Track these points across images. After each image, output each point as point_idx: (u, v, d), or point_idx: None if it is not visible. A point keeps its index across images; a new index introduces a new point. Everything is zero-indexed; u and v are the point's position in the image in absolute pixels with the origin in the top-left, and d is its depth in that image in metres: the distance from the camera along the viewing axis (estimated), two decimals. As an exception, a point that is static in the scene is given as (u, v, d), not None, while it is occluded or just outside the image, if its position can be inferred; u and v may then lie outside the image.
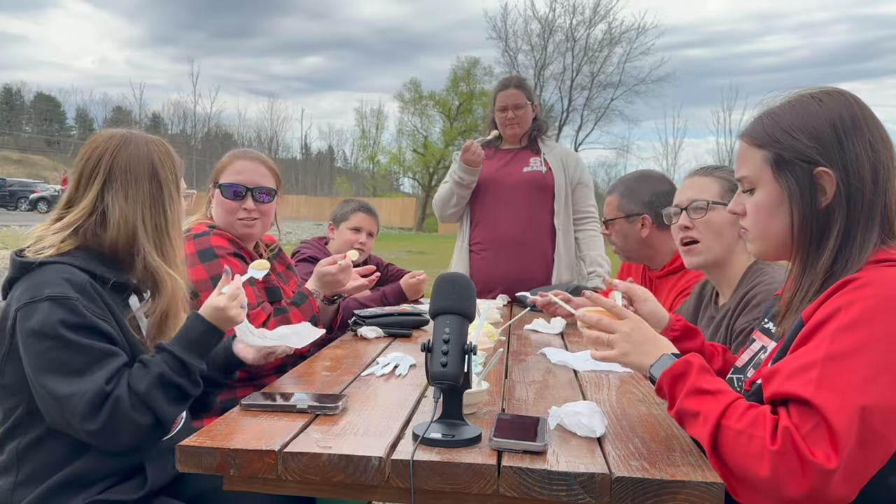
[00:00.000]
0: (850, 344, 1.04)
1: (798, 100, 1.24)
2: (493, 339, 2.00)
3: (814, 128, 1.19)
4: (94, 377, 1.34)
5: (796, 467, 0.99)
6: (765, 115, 1.26)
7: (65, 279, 1.39)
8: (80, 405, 1.32)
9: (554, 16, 39.83)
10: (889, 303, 1.06)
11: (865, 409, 0.99)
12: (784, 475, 0.99)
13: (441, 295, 1.28)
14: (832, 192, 1.18)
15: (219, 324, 1.50)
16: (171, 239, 1.55)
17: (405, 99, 44.71)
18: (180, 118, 62.36)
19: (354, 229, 3.16)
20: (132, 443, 1.40)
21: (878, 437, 1.00)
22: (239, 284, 1.55)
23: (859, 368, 1.02)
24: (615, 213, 2.58)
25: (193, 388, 1.45)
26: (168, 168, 1.56)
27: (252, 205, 2.16)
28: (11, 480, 1.41)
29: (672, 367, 1.21)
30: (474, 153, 3.25)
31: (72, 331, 1.35)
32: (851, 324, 1.06)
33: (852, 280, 1.11)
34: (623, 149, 43.79)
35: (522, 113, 3.36)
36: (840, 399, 1.00)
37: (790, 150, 1.20)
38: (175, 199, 1.58)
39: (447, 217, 3.50)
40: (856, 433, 0.98)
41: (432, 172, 42.44)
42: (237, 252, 2.10)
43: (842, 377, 1.02)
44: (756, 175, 1.26)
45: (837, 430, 0.98)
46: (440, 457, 1.14)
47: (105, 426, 1.34)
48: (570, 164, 3.41)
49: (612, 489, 1.07)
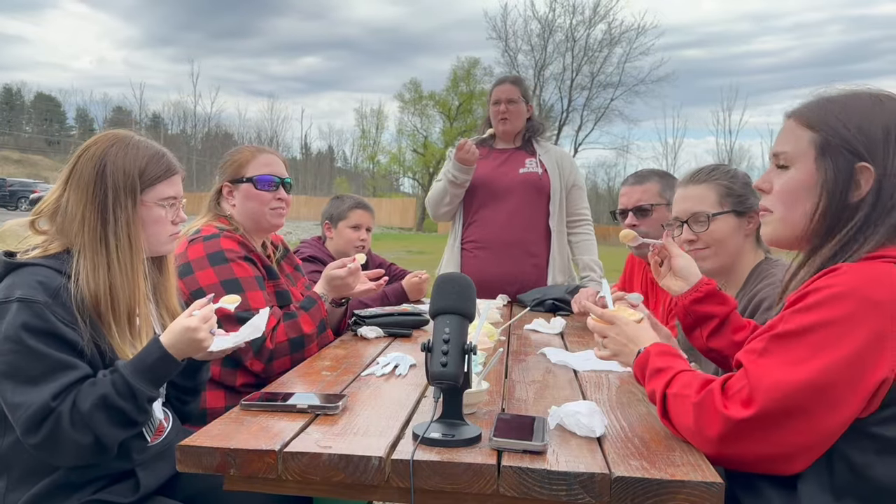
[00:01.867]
0: (799, 325, 1.11)
1: (857, 94, 1.24)
2: (493, 339, 2.00)
3: (867, 124, 1.19)
4: (43, 390, 1.31)
5: (711, 415, 1.14)
6: (821, 100, 1.26)
7: (38, 282, 1.37)
8: (23, 418, 1.31)
9: (554, 16, 39.86)
10: (854, 293, 1.08)
11: (785, 384, 1.08)
12: (703, 422, 1.15)
13: (441, 295, 1.28)
14: (866, 190, 1.18)
15: (184, 345, 1.41)
16: (108, 243, 1.46)
17: (405, 99, 44.73)
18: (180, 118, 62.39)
19: (354, 227, 3.15)
20: (74, 461, 1.37)
21: (801, 410, 1.08)
22: (212, 308, 1.48)
23: (796, 349, 1.10)
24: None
25: (138, 414, 1.38)
26: (119, 172, 1.48)
27: (284, 194, 2.22)
28: (3, 485, 1.41)
29: (638, 359, 1.37)
30: (468, 151, 3.24)
31: (33, 336, 1.33)
32: (808, 307, 1.11)
33: (835, 269, 1.14)
34: (623, 149, 43.82)
35: (515, 108, 3.35)
36: (768, 370, 1.11)
37: (838, 138, 1.20)
38: (123, 205, 1.48)
39: (440, 216, 3.50)
40: (770, 401, 1.09)
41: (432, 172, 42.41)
42: (247, 255, 2.08)
43: (779, 353, 1.12)
44: (797, 154, 1.25)
45: (753, 390, 1.10)
46: (440, 457, 1.14)
47: (45, 442, 1.32)
48: (566, 167, 3.41)
49: (612, 489, 1.07)
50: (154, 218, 1.55)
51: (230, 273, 2.00)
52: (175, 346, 1.41)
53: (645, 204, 2.50)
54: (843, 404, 1.07)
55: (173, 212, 1.59)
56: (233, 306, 1.63)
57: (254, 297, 1.99)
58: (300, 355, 2.04)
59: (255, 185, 2.17)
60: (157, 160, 1.55)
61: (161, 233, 1.57)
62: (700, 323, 1.60)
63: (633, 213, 2.51)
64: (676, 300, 1.64)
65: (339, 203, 3.23)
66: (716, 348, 1.58)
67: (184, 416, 1.70)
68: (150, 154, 1.55)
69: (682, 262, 1.64)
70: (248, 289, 2.00)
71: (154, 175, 1.54)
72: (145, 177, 1.52)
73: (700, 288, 1.60)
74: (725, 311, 1.58)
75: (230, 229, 2.13)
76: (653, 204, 2.50)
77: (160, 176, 1.55)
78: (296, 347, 2.05)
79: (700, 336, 1.61)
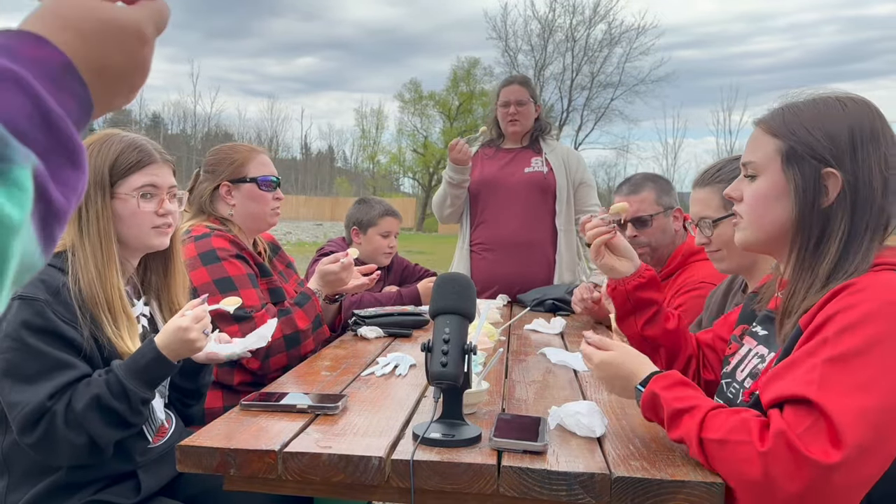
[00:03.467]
0: (851, 346, 1.04)
1: (822, 99, 1.24)
2: (493, 339, 2.00)
3: (832, 129, 1.19)
4: (39, 389, 1.31)
5: (790, 465, 0.98)
6: (786, 108, 1.26)
7: (40, 280, 1.37)
8: (20, 417, 1.31)
9: (554, 16, 39.84)
10: (888, 307, 1.06)
11: (868, 411, 0.98)
12: (778, 474, 0.98)
13: (441, 295, 1.28)
14: (835, 195, 1.17)
15: (177, 345, 1.39)
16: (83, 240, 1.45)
17: (405, 99, 44.73)
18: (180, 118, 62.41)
19: (384, 234, 3.08)
20: (70, 460, 1.37)
21: (880, 440, 0.99)
22: (205, 308, 1.46)
23: (861, 370, 1.02)
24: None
25: (132, 415, 1.37)
26: (91, 168, 1.44)
27: (281, 194, 2.24)
28: (4, 484, 1.41)
29: (643, 401, 1.22)
30: (460, 151, 3.24)
31: (33, 334, 1.33)
32: (851, 326, 1.05)
33: (849, 285, 1.11)
34: (623, 149, 43.78)
35: (524, 109, 3.35)
36: (843, 399, 0.99)
37: (804, 145, 1.20)
38: (94, 199, 1.46)
39: (446, 218, 3.50)
40: (860, 433, 0.97)
41: (432, 172, 42.43)
42: (239, 254, 2.09)
43: (844, 378, 1.01)
44: (763, 163, 1.25)
45: (839, 426, 0.97)
46: (440, 457, 1.14)
47: (40, 441, 1.32)
48: (572, 164, 3.40)
49: (612, 489, 1.07)
50: (130, 210, 1.50)
51: (223, 272, 2.00)
52: (168, 347, 1.40)
53: (644, 215, 2.50)
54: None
55: (155, 202, 1.53)
56: (233, 308, 1.62)
57: (247, 295, 1.99)
58: (296, 351, 2.05)
59: (259, 186, 2.18)
60: (130, 151, 1.51)
61: (141, 225, 1.52)
62: (639, 309, 1.57)
63: (633, 224, 2.50)
64: (615, 284, 1.59)
65: (368, 209, 3.13)
66: (650, 336, 1.56)
67: (187, 418, 1.70)
68: (123, 146, 1.51)
69: (622, 241, 1.61)
70: (242, 287, 2.00)
71: (124, 165, 1.50)
72: (116, 169, 1.49)
73: (643, 274, 1.58)
74: (663, 298, 1.58)
75: (221, 228, 2.13)
76: (651, 214, 2.50)
77: (132, 166, 1.50)
78: (291, 344, 2.05)
79: (635, 323, 1.58)
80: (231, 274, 2.01)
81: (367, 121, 54.39)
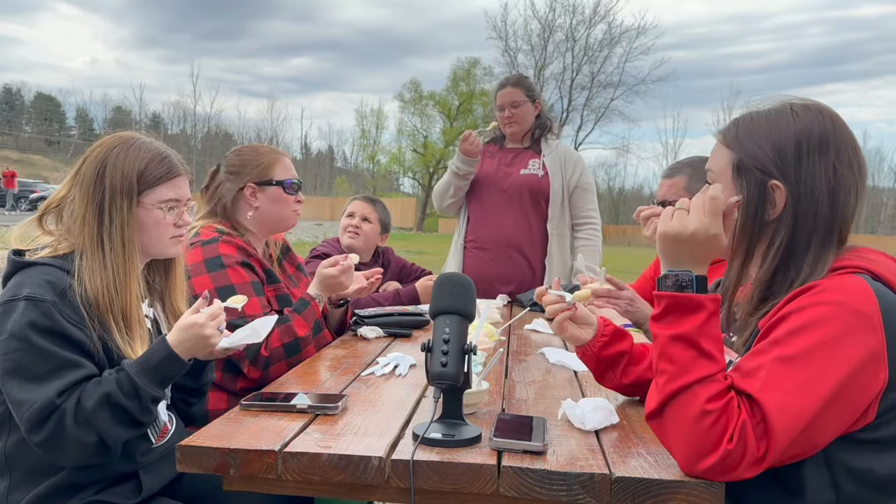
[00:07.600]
0: (799, 347, 1.07)
1: (777, 109, 1.24)
2: (493, 339, 2.00)
3: (779, 140, 1.19)
4: (48, 387, 1.31)
5: (738, 458, 1.03)
6: (742, 119, 1.27)
7: (46, 280, 1.37)
8: (28, 415, 1.30)
9: (554, 16, 39.89)
10: (841, 308, 1.08)
11: (804, 412, 1.03)
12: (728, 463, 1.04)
13: (441, 295, 1.28)
14: (781, 207, 1.18)
15: (191, 343, 1.40)
16: (103, 245, 1.46)
17: (405, 99, 44.75)
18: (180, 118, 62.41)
19: (349, 215, 3.23)
20: (78, 460, 1.36)
21: (807, 439, 1.05)
22: (220, 306, 1.47)
23: (804, 372, 1.05)
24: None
25: (142, 414, 1.37)
26: (118, 174, 1.47)
27: (302, 197, 2.29)
28: (6, 485, 1.41)
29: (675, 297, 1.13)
30: (472, 143, 3.25)
31: (40, 334, 1.32)
32: (802, 327, 1.08)
33: (810, 287, 1.12)
34: (623, 149, 43.86)
35: (519, 111, 3.35)
36: (783, 399, 1.04)
37: (751, 158, 1.21)
38: (119, 206, 1.47)
39: (445, 208, 3.51)
40: (791, 434, 1.03)
41: (432, 172, 42.46)
42: (245, 261, 2.06)
43: (787, 379, 1.05)
44: (719, 172, 1.26)
45: (775, 429, 1.03)
46: (440, 457, 1.14)
47: (49, 440, 1.31)
48: (569, 167, 3.37)
49: (612, 489, 1.07)
50: (154, 220, 1.52)
51: (226, 279, 1.98)
52: (182, 345, 1.40)
53: (671, 199, 2.50)
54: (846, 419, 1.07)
55: (175, 214, 1.56)
56: (240, 306, 1.63)
57: (249, 304, 1.96)
58: (297, 359, 2.00)
59: (285, 189, 2.18)
60: (158, 162, 1.53)
61: (161, 235, 1.54)
62: (612, 365, 1.52)
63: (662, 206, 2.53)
64: (582, 350, 1.53)
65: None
66: (630, 383, 1.52)
67: (189, 418, 1.70)
68: (150, 156, 1.52)
69: (581, 310, 1.54)
70: (244, 294, 1.98)
71: (153, 177, 1.51)
72: (144, 179, 1.50)
73: (604, 332, 1.53)
74: (630, 342, 1.54)
75: (230, 232, 2.10)
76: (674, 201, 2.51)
77: (160, 178, 1.52)
78: (291, 351, 2.01)
79: (613, 377, 1.53)
80: (234, 282, 1.99)
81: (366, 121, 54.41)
